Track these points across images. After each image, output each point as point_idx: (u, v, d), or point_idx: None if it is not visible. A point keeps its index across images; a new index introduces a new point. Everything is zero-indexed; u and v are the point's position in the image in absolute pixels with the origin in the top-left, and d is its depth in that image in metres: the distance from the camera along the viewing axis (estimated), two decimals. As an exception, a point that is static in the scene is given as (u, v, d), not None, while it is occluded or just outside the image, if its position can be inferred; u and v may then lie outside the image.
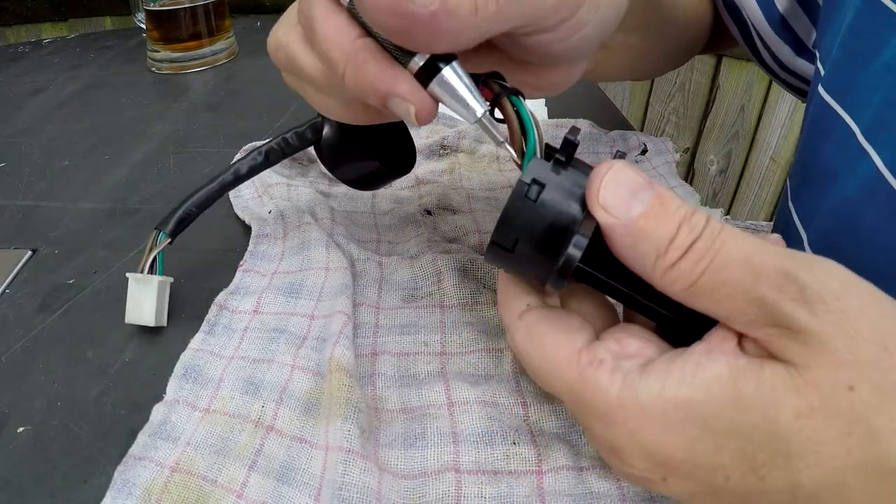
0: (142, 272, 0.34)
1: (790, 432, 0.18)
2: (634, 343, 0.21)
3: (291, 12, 0.26)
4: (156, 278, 0.34)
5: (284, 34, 0.25)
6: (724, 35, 0.46)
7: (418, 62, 0.22)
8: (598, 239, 0.21)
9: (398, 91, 0.22)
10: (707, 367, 0.19)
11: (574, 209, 0.21)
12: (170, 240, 0.35)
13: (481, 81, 0.23)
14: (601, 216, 0.20)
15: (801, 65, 0.42)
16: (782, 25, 0.41)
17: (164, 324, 0.35)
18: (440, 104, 0.23)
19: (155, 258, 0.35)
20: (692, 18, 0.43)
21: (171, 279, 0.36)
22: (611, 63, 0.39)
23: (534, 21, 0.22)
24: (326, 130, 0.33)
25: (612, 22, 0.25)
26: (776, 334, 0.19)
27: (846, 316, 0.18)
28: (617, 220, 0.20)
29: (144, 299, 0.34)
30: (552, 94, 0.28)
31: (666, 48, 0.44)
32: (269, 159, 0.36)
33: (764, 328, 0.19)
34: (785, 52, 0.42)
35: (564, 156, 0.21)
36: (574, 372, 0.21)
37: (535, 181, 0.21)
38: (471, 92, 0.22)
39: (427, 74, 0.22)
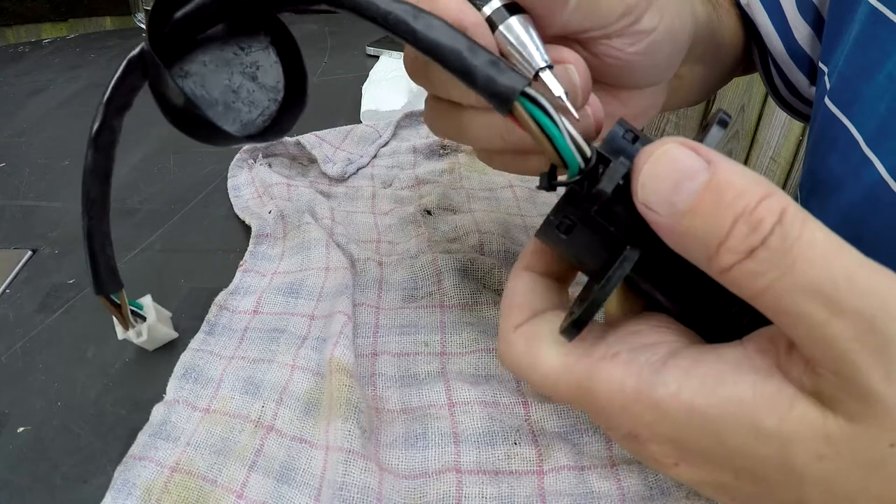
0: (129, 330, 0.32)
1: (806, 470, 0.17)
2: (651, 334, 0.20)
3: None
4: (143, 325, 0.32)
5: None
6: (751, 60, 0.47)
7: (493, 6, 0.22)
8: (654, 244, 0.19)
9: (466, 22, 0.21)
10: (729, 385, 0.17)
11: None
12: (121, 289, 0.30)
13: None
14: (644, 213, 0.18)
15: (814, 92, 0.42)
16: (800, 56, 0.41)
17: (175, 334, 0.35)
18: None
19: (126, 310, 0.31)
20: (731, 44, 0.43)
21: (148, 298, 0.34)
22: (681, 91, 0.39)
23: (603, 20, 0.23)
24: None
25: (679, 33, 0.25)
26: (837, 384, 0.16)
27: None
28: (661, 218, 0.17)
29: (154, 332, 0.33)
30: (640, 124, 0.29)
31: (719, 74, 0.44)
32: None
33: (825, 370, 0.16)
34: (800, 79, 0.42)
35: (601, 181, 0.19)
36: (585, 368, 0.20)
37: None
38: (535, 46, 0.21)
39: (496, 21, 0.22)
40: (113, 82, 0.24)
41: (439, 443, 0.27)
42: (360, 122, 0.56)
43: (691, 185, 0.17)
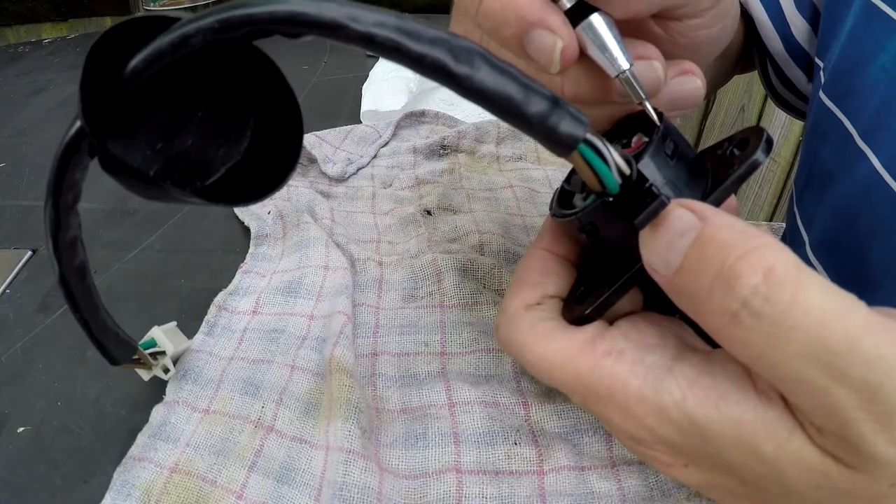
0: (154, 370, 0.31)
1: (806, 493, 0.17)
2: (654, 333, 0.20)
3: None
4: (165, 358, 0.31)
5: (455, 30, 0.23)
6: (751, 57, 0.46)
7: (567, 3, 0.20)
8: None
9: (549, 22, 0.19)
10: (731, 403, 0.17)
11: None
12: (136, 350, 0.29)
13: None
14: (650, 273, 0.18)
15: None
16: (798, 52, 0.41)
17: (189, 341, 0.34)
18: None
19: (148, 360, 0.30)
20: (735, 40, 0.43)
21: (155, 329, 0.32)
22: None
23: (687, 8, 0.22)
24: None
25: (735, 27, 0.25)
26: (838, 444, 0.16)
27: None
28: (660, 276, 0.18)
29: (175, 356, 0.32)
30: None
31: (722, 70, 0.44)
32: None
33: (828, 433, 0.16)
34: (798, 76, 0.42)
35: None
36: (588, 362, 0.20)
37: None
38: (618, 46, 0.20)
39: (575, 17, 0.20)
40: (53, 177, 0.20)
41: (439, 443, 0.27)
42: (360, 122, 0.56)
43: (682, 242, 0.17)
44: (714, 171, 0.20)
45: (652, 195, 0.18)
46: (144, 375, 0.31)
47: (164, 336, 0.31)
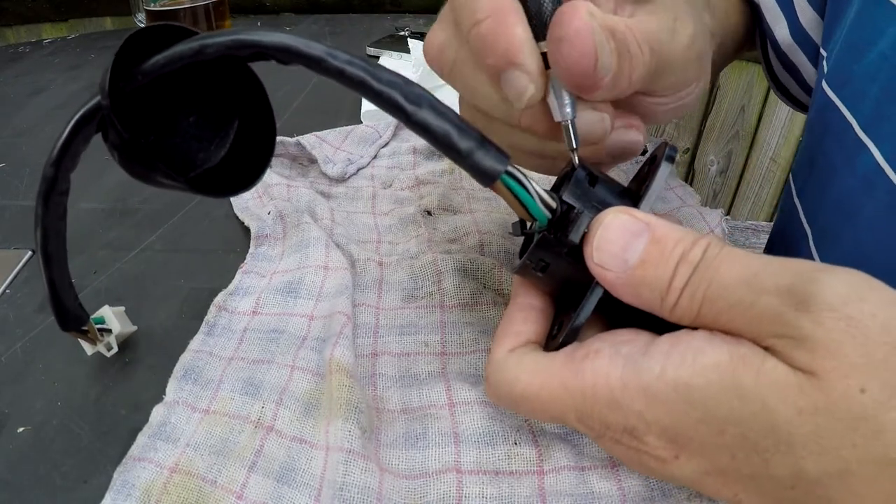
0: (98, 345, 0.32)
1: (791, 426, 0.18)
2: (626, 332, 0.22)
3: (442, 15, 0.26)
4: (110, 336, 0.33)
5: (439, 32, 0.25)
6: (753, 40, 0.46)
7: (544, 47, 0.22)
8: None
9: (528, 66, 0.21)
10: (707, 353, 0.19)
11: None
12: (88, 319, 0.30)
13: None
14: (599, 274, 0.21)
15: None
16: (805, 41, 0.41)
17: (134, 327, 0.35)
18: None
19: (95, 333, 0.31)
20: (734, 39, 0.44)
21: (105, 308, 0.33)
22: None
23: (657, 90, 0.26)
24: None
25: (695, 105, 0.29)
26: (782, 344, 0.19)
27: (855, 321, 0.18)
28: (616, 275, 0.21)
29: (120, 338, 0.34)
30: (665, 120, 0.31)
31: (723, 61, 0.45)
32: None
33: (771, 339, 0.19)
34: (804, 63, 0.42)
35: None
36: (570, 369, 0.21)
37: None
38: (569, 98, 0.23)
39: (549, 64, 0.22)
40: (61, 143, 0.23)
41: (439, 443, 0.27)
42: (361, 122, 0.56)
43: (638, 242, 0.20)
44: (636, 190, 0.24)
45: (579, 213, 0.22)
46: (88, 349, 0.32)
47: (112, 316, 0.33)
